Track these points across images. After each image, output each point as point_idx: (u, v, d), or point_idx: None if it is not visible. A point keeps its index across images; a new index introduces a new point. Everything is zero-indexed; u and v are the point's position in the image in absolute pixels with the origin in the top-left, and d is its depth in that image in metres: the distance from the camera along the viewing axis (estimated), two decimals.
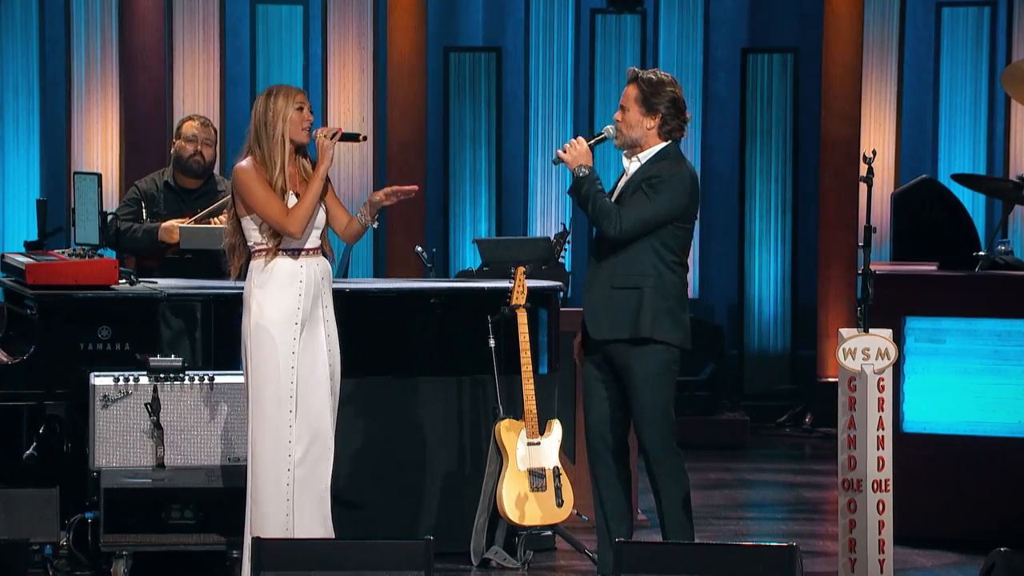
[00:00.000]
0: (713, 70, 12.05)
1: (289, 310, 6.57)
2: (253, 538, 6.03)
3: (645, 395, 6.55)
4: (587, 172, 6.56)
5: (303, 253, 6.65)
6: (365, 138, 6.98)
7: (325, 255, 6.76)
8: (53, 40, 11.53)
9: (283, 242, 6.61)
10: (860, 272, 6.96)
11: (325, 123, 11.69)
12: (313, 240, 6.69)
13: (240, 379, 7.05)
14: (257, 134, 6.62)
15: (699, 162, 12.06)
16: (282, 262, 6.60)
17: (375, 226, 6.85)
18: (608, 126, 6.67)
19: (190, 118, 8.41)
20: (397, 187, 6.77)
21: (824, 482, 9.71)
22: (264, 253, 6.61)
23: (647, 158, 6.59)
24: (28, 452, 7.25)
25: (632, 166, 6.63)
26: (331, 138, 6.68)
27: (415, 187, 6.83)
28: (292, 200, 6.62)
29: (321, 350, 6.64)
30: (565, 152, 6.61)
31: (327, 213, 6.74)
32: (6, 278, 7.75)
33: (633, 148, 6.60)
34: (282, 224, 6.56)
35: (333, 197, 6.79)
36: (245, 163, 6.64)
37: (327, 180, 6.73)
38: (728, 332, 12.04)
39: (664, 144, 6.60)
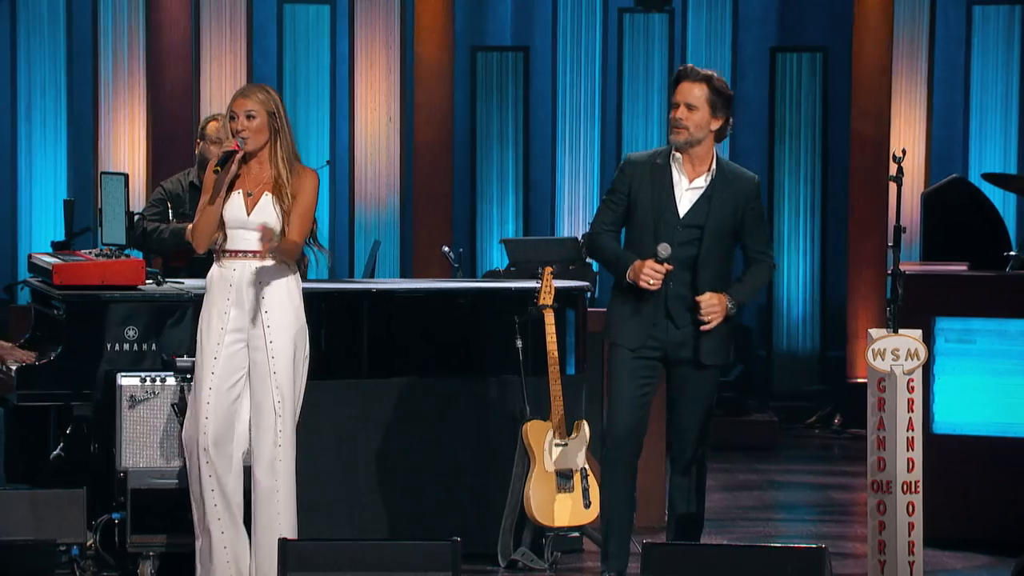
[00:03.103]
0: (742, 69, 12.00)
1: (219, 318, 6.47)
2: (280, 539, 6.01)
3: (715, 392, 6.70)
4: (734, 306, 6.59)
5: (231, 256, 6.48)
6: (219, 170, 6.46)
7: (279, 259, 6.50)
8: (80, 40, 11.53)
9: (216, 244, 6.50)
10: (890, 272, 6.89)
11: (351, 124, 11.68)
12: (242, 243, 6.49)
13: None
14: None
15: None
16: (214, 266, 6.53)
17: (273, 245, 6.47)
18: (661, 246, 6.52)
19: (214, 118, 8.33)
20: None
21: (853, 483, 9.66)
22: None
23: (714, 172, 6.59)
24: (55, 452, 7.25)
25: (697, 180, 6.59)
26: (215, 171, 6.45)
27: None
28: (237, 200, 6.46)
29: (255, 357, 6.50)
30: (714, 317, 6.54)
31: (282, 224, 6.48)
32: (33, 278, 7.74)
33: (691, 147, 6.58)
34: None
35: (296, 222, 6.46)
36: None
37: (289, 196, 6.45)
38: (757, 333, 11.99)
39: (714, 152, 6.64)
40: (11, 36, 11.54)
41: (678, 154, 6.60)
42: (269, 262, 6.47)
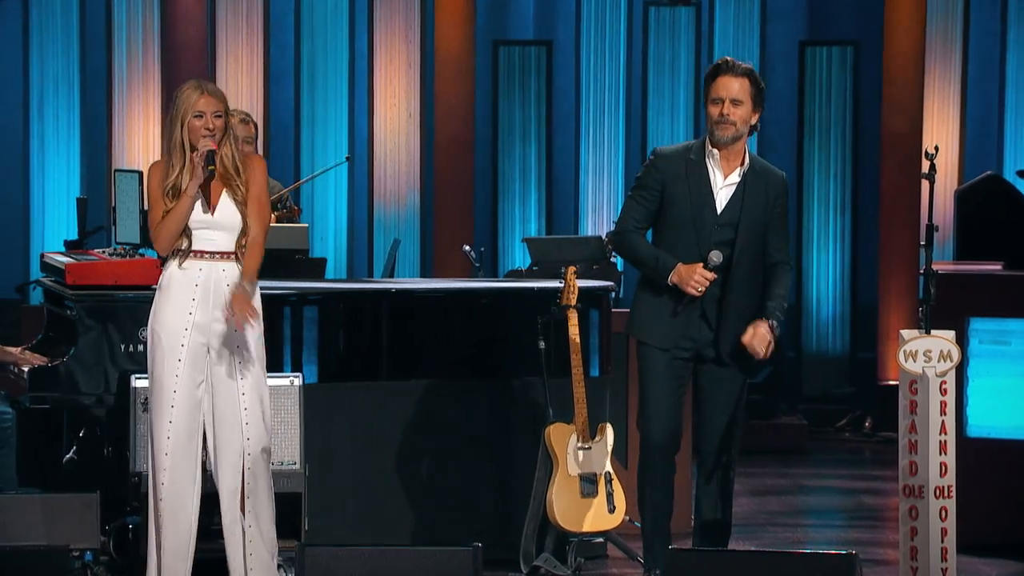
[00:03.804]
0: (770, 63, 11.94)
1: (181, 317, 6.27)
2: (297, 544, 5.91)
3: (744, 394, 6.69)
4: (778, 326, 6.64)
5: (196, 256, 6.29)
6: (211, 169, 6.30)
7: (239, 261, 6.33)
8: (94, 35, 11.53)
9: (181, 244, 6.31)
10: (922, 272, 6.87)
11: (370, 119, 11.62)
12: (212, 243, 6.30)
13: (283, 381, 6.94)
14: (166, 130, 6.37)
15: None
16: (173, 267, 6.30)
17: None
18: (713, 253, 6.51)
19: (231, 114, 8.27)
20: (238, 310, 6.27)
21: (885, 488, 9.62)
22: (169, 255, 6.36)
23: (747, 167, 6.57)
24: (68, 456, 7.23)
25: (731, 176, 6.56)
26: (200, 161, 6.27)
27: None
28: (200, 206, 6.28)
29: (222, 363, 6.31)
30: (769, 348, 6.57)
31: (243, 218, 6.32)
32: (46, 278, 7.79)
33: (734, 142, 6.54)
34: (151, 233, 6.32)
35: (255, 208, 6.32)
36: (158, 159, 6.40)
37: (248, 189, 6.30)
38: (786, 334, 11.87)
39: (746, 147, 6.62)
40: (23, 31, 11.54)
41: (714, 150, 6.55)
42: (234, 263, 6.31)
